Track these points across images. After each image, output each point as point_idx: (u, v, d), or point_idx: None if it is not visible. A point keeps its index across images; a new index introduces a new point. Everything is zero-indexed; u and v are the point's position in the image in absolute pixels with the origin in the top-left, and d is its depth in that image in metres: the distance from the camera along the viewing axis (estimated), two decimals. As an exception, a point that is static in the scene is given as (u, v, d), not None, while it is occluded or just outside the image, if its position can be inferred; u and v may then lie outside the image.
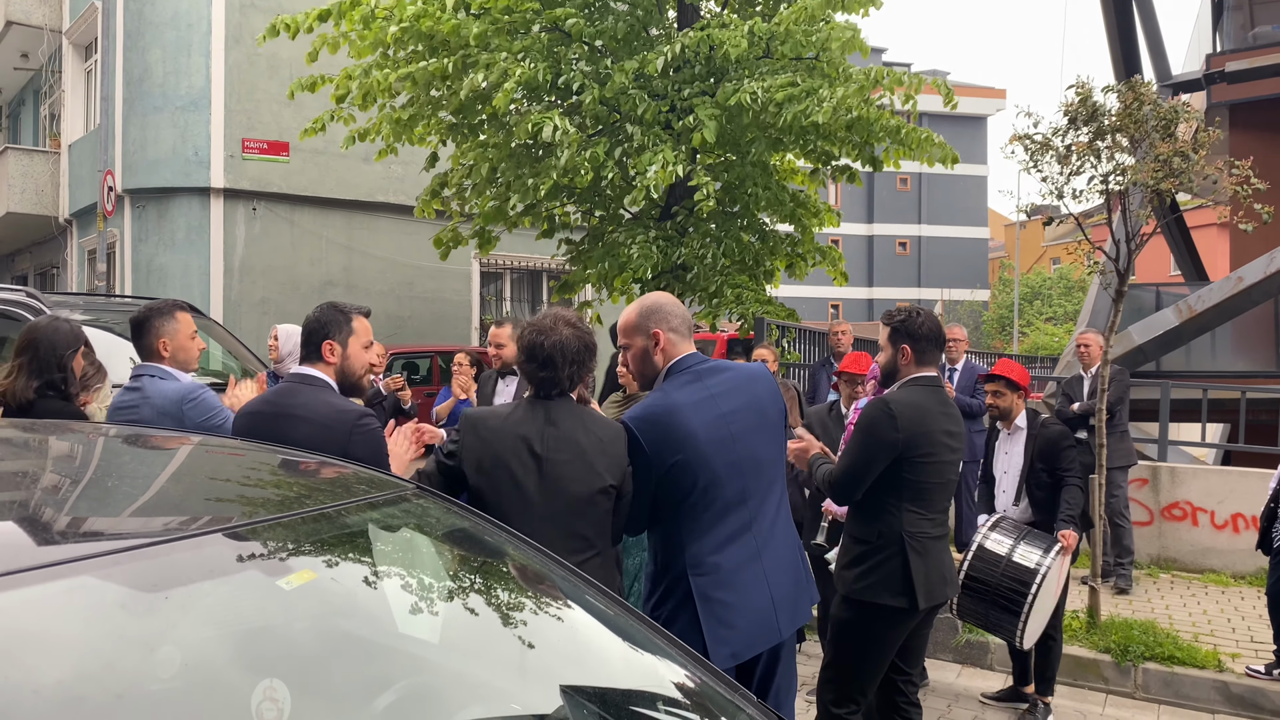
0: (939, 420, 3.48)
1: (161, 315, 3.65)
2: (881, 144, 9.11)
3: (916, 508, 3.45)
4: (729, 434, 2.87)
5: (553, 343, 2.86)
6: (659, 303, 3.02)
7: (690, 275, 9.00)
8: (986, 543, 4.59)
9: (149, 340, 3.61)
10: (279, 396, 3.11)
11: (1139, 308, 15.02)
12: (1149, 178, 5.84)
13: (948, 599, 3.62)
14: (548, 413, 2.86)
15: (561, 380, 2.88)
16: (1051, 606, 4.71)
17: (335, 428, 2.98)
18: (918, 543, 3.42)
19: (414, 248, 14.90)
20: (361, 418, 3.04)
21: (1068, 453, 4.99)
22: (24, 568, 1.30)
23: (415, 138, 9.44)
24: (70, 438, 2.28)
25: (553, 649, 1.89)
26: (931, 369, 3.60)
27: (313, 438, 2.90)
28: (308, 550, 1.69)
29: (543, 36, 8.46)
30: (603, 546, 2.87)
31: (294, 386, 3.13)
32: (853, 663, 3.52)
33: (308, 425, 2.96)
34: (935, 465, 3.47)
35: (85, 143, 16.37)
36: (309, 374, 3.14)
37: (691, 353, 2.99)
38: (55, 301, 7.93)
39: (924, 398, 3.50)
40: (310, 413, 3.00)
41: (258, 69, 14.07)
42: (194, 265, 13.94)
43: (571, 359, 2.87)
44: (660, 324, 2.97)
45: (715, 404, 2.88)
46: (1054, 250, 53.31)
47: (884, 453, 3.40)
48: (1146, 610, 6.73)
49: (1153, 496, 8.11)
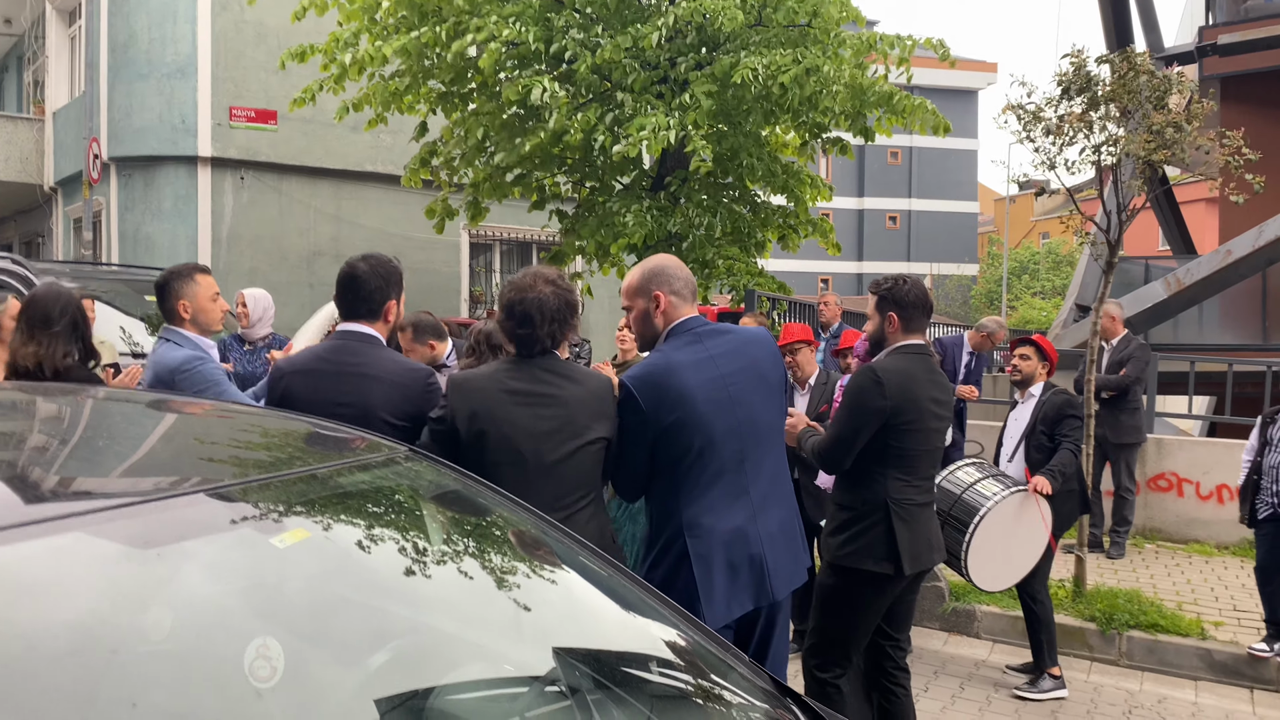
0: (926, 388, 3.49)
1: (181, 278, 3.63)
2: (874, 114, 9.08)
3: (902, 474, 3.46)
4: (728, 396, 2.87)
5: (531, 299, 2.84)
6: (662, 265, 3.02)
7: (685, 244, 8.98)
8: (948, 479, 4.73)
9: (170, 303, 3.60)
10: (336, 354, 3.03)
11: (1128, 281, 15.08)
12: (1141, 149, 5.83)
13: (933, 565, 3.64)
14: (532, 369, 2.86)
15: (541, 338, 2.86)
16: (1019, 555, 4.71)
17: (410, 385, 2.99)
18: (903, 509, 3.43)
19: (403, 218, 14.81)
20: (430, 376, 3.05)
21: (1070, 420, 5.07)
22: (15, 523, 1.30)
23: (405, 106, 9.36)
24: (66, 400, 2.27)
25: (545, 610, 1.90)
26: (918, 336, 3.60)
27: (390, 395, 2.91)
28: (301, 510, 1.69)
29: (534, 2, 8.38)
30: (595, 494, 2.90)
31: (350, 344, 3.04)
32: (838, 628, 3.54)
33: (384, 384, 2.95)
34: (922, 432, 3.48)
35: (70, 110, 16.18)
36: (360, 330, 3.07)
37: (693, 315, 2.99)
38: (41, 269, 7.88)
39: (911, 364, 3.51)
40: (383, 371, 2.98)
41: (245, 36, 13.91)
42: (181, 234, 13.83)
43: (551, 316, 2.85)
44: (662, 286, 2.97)
45: (715, 365, 2.88)
46: (1043, 225, 53.37)
47: (872, 420, 3.41)
48: (1132, 580, 6.79)
49: (1139, 467, 8.16)
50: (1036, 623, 5.15)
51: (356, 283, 3.09)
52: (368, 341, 3.06)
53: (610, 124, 8.33)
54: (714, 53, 8.70)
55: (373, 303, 3.09)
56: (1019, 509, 4.64)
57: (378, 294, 3.09)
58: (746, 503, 2.88)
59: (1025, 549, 4.73)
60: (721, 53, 8.56)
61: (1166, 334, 14.27)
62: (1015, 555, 4.68)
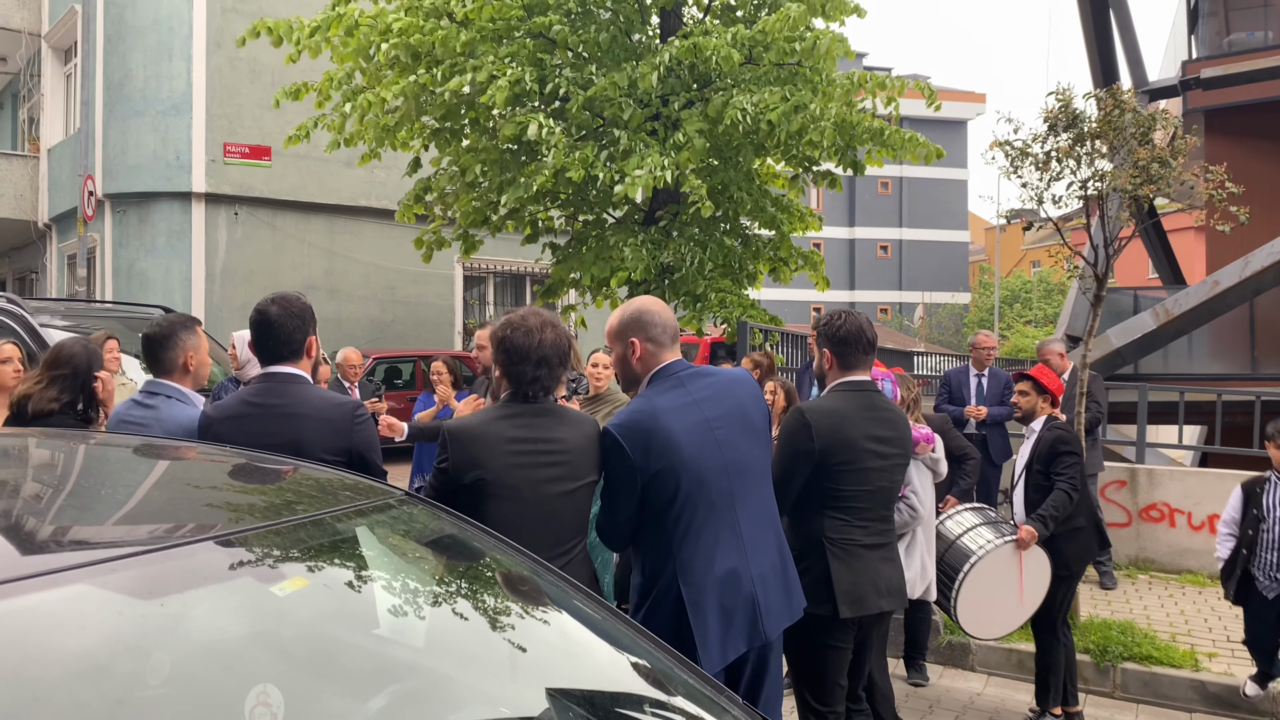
0: (862, 426, 3.35)
1: (186, 329, 3.45)
2: (864, 147, 9.19)
3: (841, 515, 3.32)
4: (714, 439, 2.88)
5: (526, 343, 2.85)
6: (640, 310, 3.02)
7: (677, 277, 9.05)
8: (947, 523, 4.74)
9: (173, 354, 3.39)
10: (261, 396, 3.03)
11: (1117, 311, 15.17)
12: (1127, 183, 5.92)
13: (882, 610, 3.39)
14: (527, 413, 2.86)
15: (542, 379, 2.88)
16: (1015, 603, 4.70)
17: (338, 420, 2.99)
18: (840, 549, 3.29)
19: (397, 252, 14.89)
20: (358, 408, 3.06)
21: (1064, 458, 4.89)
22: (21, 576, 1.32)
23: (399, 142, 9.45)
24: (61, 446, 2.29)
25: (541, 652, 1.92)
26: (860, 373, 3.48)
27: (318, 431, 2.91)
28: (299, 557, 1.71)
29: (528, 43, 8.49)
30: (583, 536, 2.93)
31: (274, 386, 3.05)
32: (805, 674, 3.44)
33: (310, 421, 2.95)
34: (859, 473, 3.33)
35: (65, 147, 16.27)
36: (284, 371, 3.07)
37: (675, 360, 3.00)
38: (35, 307, 7.89)
39: (845, 404, 3.39)
40: (309, 408, 2.98)
41: (239, 73, 14.04)
42: (175, 270, 13.87)
43: (542, 360, 2.86)
44: (638, 333, 2.97)
45: (699, 409, 2.90)
46: (1034, 253, 53.71)
47: (801, 462, 3.31)
48: (1125, 611, 6.80)
49: (1130, 498, 8.20)
50: (1041, 663, 5.06)
51: (272, 327, 3.07)
52: (292, 381, 3.06)
53: (606, 160, 8.42)
54: (706, 89, 8.82)
55: (293, 343, 3.09)
56: (1010, 560, 4.64)
57: (296, 334, 3.08)
58: (738, 545, 2.88)
59: (1022, 598, 4.70)
60: (713, 90, 8.68)
61: (1157, 364, 14.35)
62: (1011, 604, 4.65)
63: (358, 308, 14.75)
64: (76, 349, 3.63)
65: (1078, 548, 5.03)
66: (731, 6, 9.92)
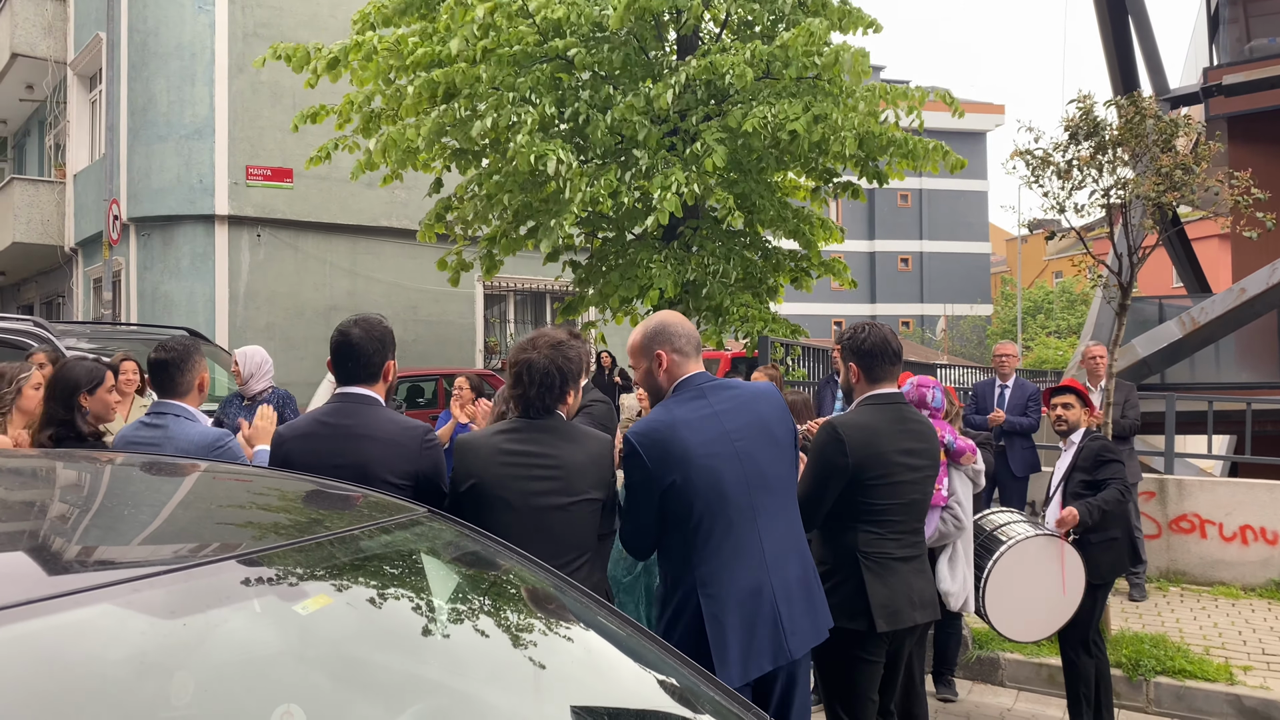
0: (894, 440, 3.34)
1: (199, 351, 3.51)
2: (885, 158, 9.18)
3: (875, 528, 3.31)
4: (734, 451, 2.86)
5: (522, 361, 2.92)
6: (663, 324, 3.03)
7: (704, 291, 9.05)
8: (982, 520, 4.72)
9: (190, 377, 3.45)
10: (334, 417, 3.06)
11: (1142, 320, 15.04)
12: (1150, 190, 5.87)
13: (916, 623, 3.37)
14: (528, 428, 2.91)
15: (531, 400, 2.92)
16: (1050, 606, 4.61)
17: (407, 444, 3.00)
18: (874, 563, 3.28)
19: (418, 271, 14.97)
20: (428, 433, 3.07)
21: (1111, 465, 4.86)
22: (46, 596, 1.32)
23: (420, 164, 9.51)
24: (83, 467, 2.30)
25: (566, 670, 1.90)
26: (887, 385, 3.46)
27: (386, 454, 2.93)
28: (323, 575, 1.71)
29: (545, 69, 8.53)
30: (590, 554, 2.92)
31: (347, 406, 3.07)
32: (837, 690, 3.41)
33: (380, 444, 2.97)
34: (892, 486, 3.32)
35: (90, 172, 16.49)
36: (359, 393, 3.09)
37: (699, 371, 3.00)
38: (61, 330, 7.98)
39: (876, 417, 3.37)
40: (380, 431, 3.00)
41: (261, 97, 14.19)
42: (199, 292, 14.00)
43: (539, 380, 2.91)
44: (664, 345, 2.99)
45: (719, 421, 2.89)
46: (1056, 264, 53.39)
47: (835, 478, 3.28)
48: (1157, 624, 6.70)
49: (1160, 509, 8.09)
50: (1073, 677, 4.96)
51: (353, 350, 3.09)
52: (365, 403, 3.08)
53: (629, 180, 8.42)
54: (723, 105, 8.83)
55: (371, 366, 3.10)
56: (1045, 554, 4.56)
57: (375, 357, 3.10)
58: (760, 559, 2.85)
59: (1056, 600, 4.61)
60: (730, 104, 8.68)
61: (1183, 373, 14.20)
62: (1045, 606, 4.57)
63: (379, 327, 14.83)
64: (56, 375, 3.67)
65: (1111, 559, 4.97)
66: (749, 23, 9.94)
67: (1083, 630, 4.86)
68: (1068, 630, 4.77)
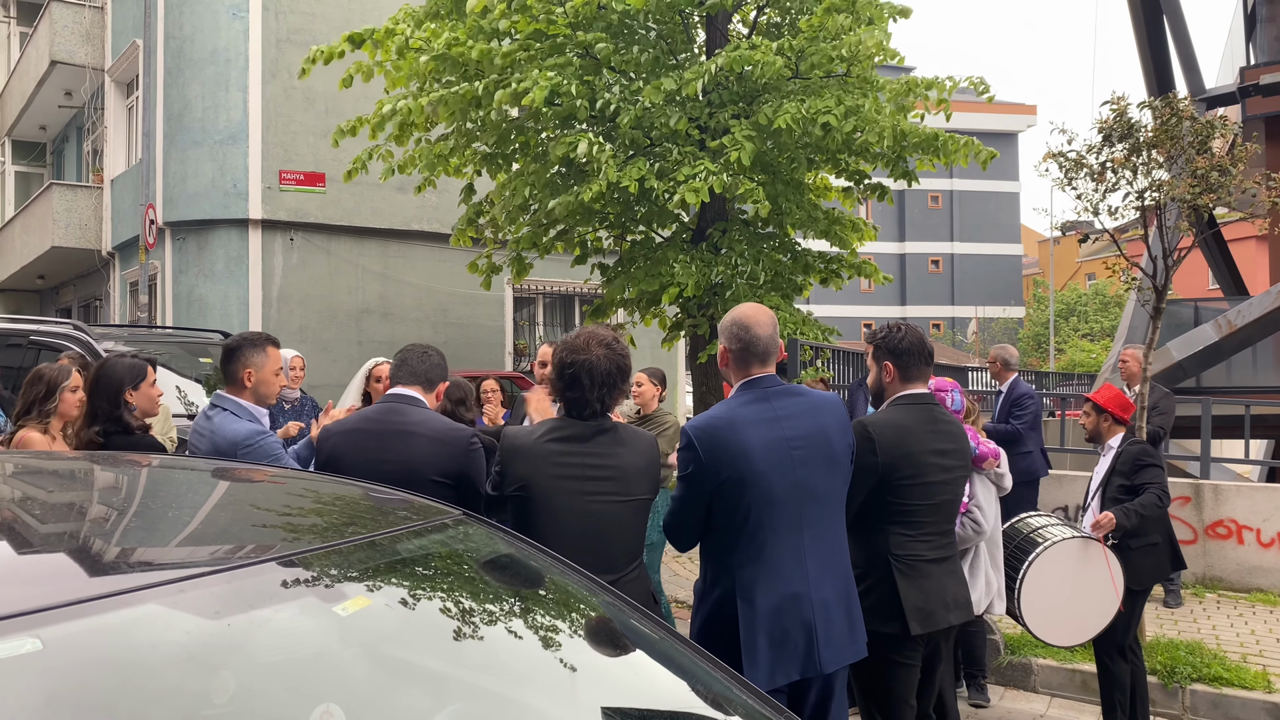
0: (925, 440, 3.34)
1: (253, 345, 3.64)
2: (915, 155, 9.14)
3: (906, 530, 3.30)
4: (789, 459, 2.85)
5: (581, 362, 2.87)
6: (739, 320, 3.00)
7: (729, 294, 9.04)
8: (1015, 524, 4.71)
9: (234, 367, 3.59)
10: (381, 414, 3.18)
11: (1177, 323, 14.86)
12: (1186, 193, 5.81)
13: (950, 625, 3.37)
14: (577, 429, 2.88)
15: (591, 401, 2.89)
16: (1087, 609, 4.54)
17: (452, 444, 3.08)
18: (906, 565, 3.27)
19: (448, 275, 15.06)
20: (473, 437, 3.16)
21: (1149, 469, 4.84)
22: (96, 596, 1.35)
23: (451, 169, 9.57)
24: (128, 470, 2.35)
25: (599, 672, 1.92)
26: (919, 385, 3.47)
27: (433, 452, 3.01)
28: (361, 577, 1.73)
29: (574, 60, 8.56)
30: (637, 557, 2.91)
31: (396, 405, 3.19)
32: (874, 695, 3.39)
33: (425, 440, 3.04)
34: (923, 487, 3.31)
35: (127, 177, 16.72)
36: (410, 394, 3.23)
37: (767, 374, 2.98)
38: (100, 333, 8.11)
39: (907, 417, 3.37)
40: (427, 429, 3.08)
41: (294, 102, 14.33)
42: (233, 295, 14.16)
43: (601, 380, 2.88)
44: (729, 342, 2.99)
45: (779, 427, 2.87)
46: (1089, 266, 52.84)
47: (865, 477, 3.25)
48: (1193, 630, 6.63)
49: (1196, 515, 8.00)
50: (1108, 683, 4.90)
51: (428, 357, 3.34)
52: (412, 402, 3.18)
53: (657, 174, 8.43)
54: (752, 104, 8.82)
55: (433, 375, 3.31)
56: (1084, 556, 4.51)
57: (436, 370, 3.32)
58: (802, 570, 2.85)
59: (1094, 604, 4.55)
60: (760, 102, 8.68)
61: (1220, 377, 14.01)
62: (1082, 609, 4.52)
63: (411, 330, 14.92)
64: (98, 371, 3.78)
65: (1152, 564, 4.93)
66: (778, 24, 9.93)
67: (1120, 636, 4.79)
68: (1104, 635, 4.69)
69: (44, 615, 1.28)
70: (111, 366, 3.77)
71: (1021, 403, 7.61)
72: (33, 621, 1.27)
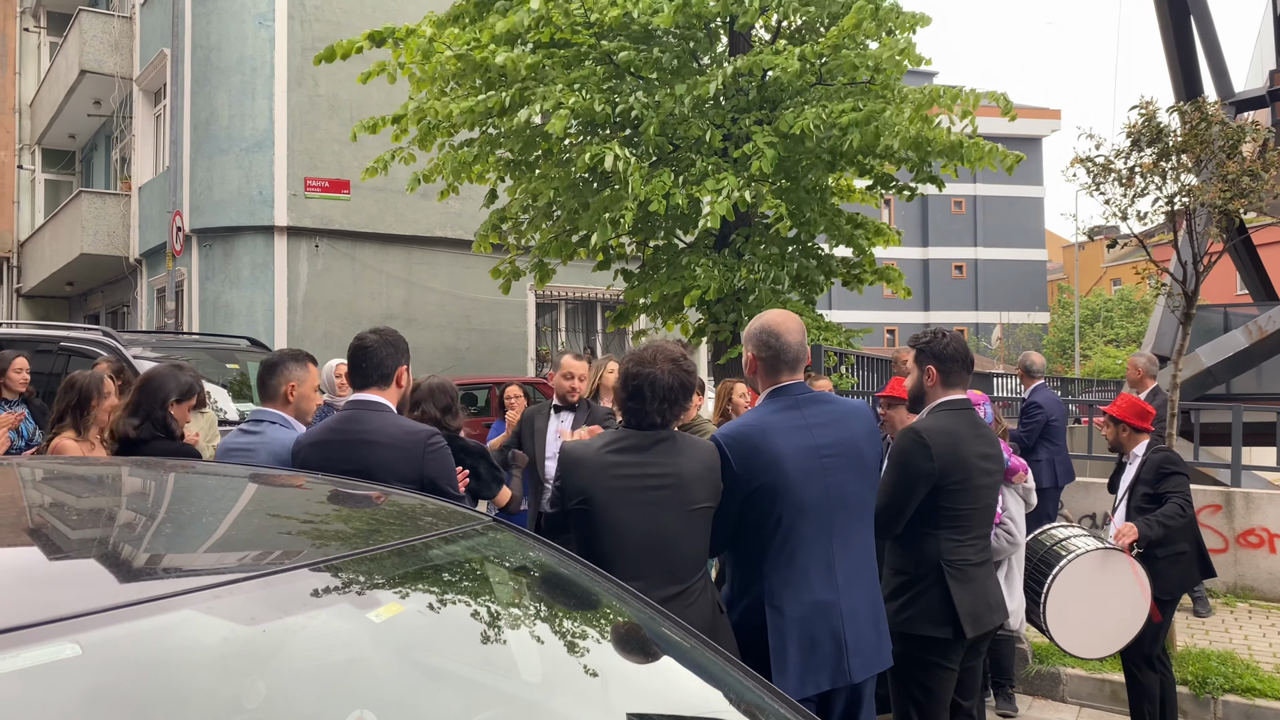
0: (973, 444, 3.40)
1: (296, 361, 3.68)
2: (939, 160, 9.10)
3: (955, 535, 3.35)
4: (820, 467, 2.84)
5: (645, 375, 2.84)
6: (762, 326, 3.00)
7: (751, 299, 9.02)
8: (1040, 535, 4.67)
9: (277, 382, 3.60)
10: (343, 424, 3.15)
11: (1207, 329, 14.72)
12: (1216, 198, 5.75)
13: (995, 625, 3.49)
14: (637, 440, 2.85)
15: (650, 414, 2.85)
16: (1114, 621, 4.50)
17: (409, 448, 3.04)
18: (958, 570, 3.32)
19: (471, 281, 15.13)
20: (431, 437, 3.11)
21: (1174, 477, 4.81)
22: (134, 601, 1.36)
23: (475, 175, 9.61)
24: (162, 476, 2.37)
25: (630, 680, 1.91)
26: (959, 391, 3.51)
27: (389, 459, 2.97)
28: (393, 583, 1.74)
29: (597, 70, 8.58)
30: (702, 570, 2.85)
31: (357, 413, 3.15)
32: (916, 699, 3.40)
33: (383, 448, 3.01)
34: (971, 491, 3.37)
35: (154, 185, 16.89)
36: (370, 399, 3.18)
37: (796, 381, 2.97)
38: (128, 339, 8.19)
39: (955, 422, 3.41)
40: (383, 436, 3.05)
41: (319, 110, 14.44)
42: (259, 301, 14.27)
43: (663, 395, 2.84)
44: (758, 350, 2.98)
45: (810, 434, 2.87)
46: (1115, 271, 52.40)
47: (921, 483, 3.30)
48: (1224, 640, 6.54)
49: (1227, 523, 7.90)
50: (1137, 693, 4.85)
51: (367, 353, 3.22)
52: (373, 409, 3.16)
53: (682, 184, 8.44)
54: (775, 111, 8.81)
55: (384, 369, 3.21)
56: (1109, 567, 4.47)
57: (389, 361, 3.22)
58: (831, 578, 2.83)
59: (1121, 615, 4.51)
60: (782, 108, 8.67)
61: (1250, 383, 13.86)
62: (1109, 621, 4.47)
63: (434, 336, 14.99)
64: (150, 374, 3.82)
65: (1180, 573, 4.87)
66: (800, 30, 9.92)
67: (1147, 646, 4.75)
68: (1132, 646, 4.64)
69: (83, 620, 1.29)
70: (167, 376, 3.82)
71: (1029, 412, 7.64)
72: (72, 626, 1.28)
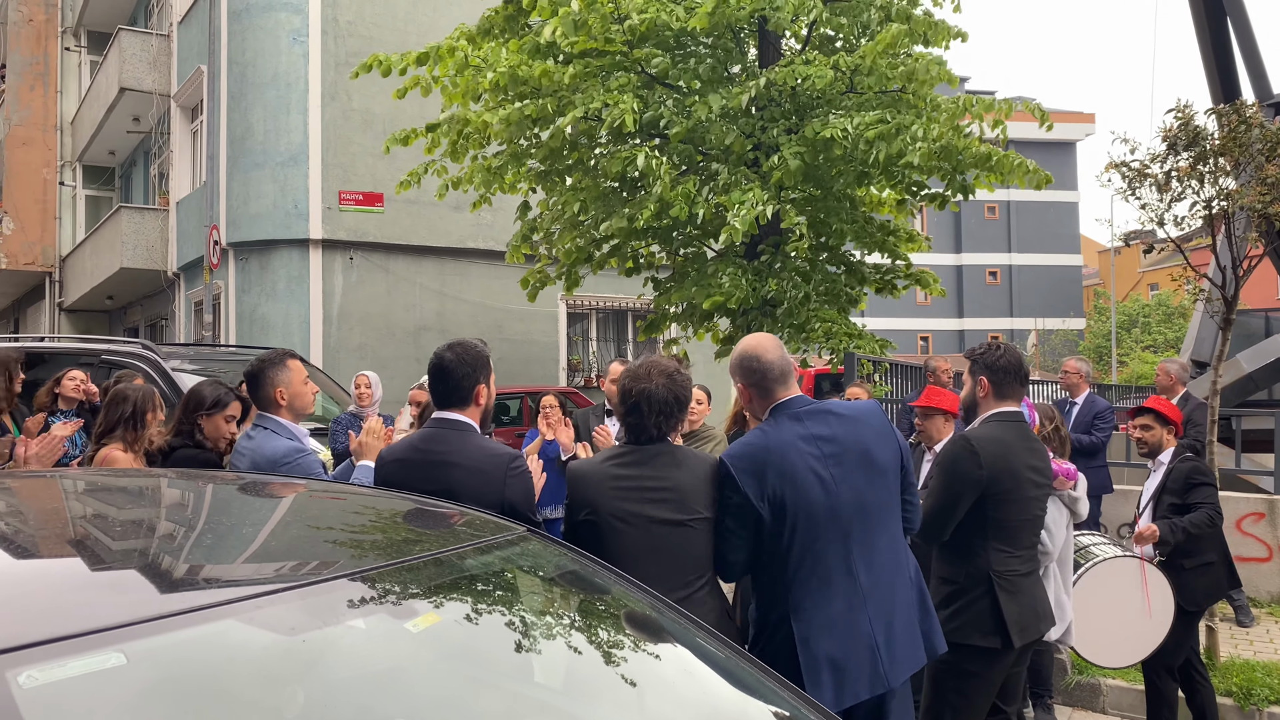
0: (1023, 456, 3.41)
1: (275, 365, 3.68)
2: (970, 172, 9.04)
3: (1004, 545, 3.38)
4: (829, 476, 2.83)
5: (640, 390, 2.95)
6: (741, 354, 3.02)
7: (780, 310, 9.00)
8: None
9: (266, 391, 3.63)
10: (426, 443, 3.10)
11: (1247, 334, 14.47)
12: (1256, 201, 5.67)
13: (1042, 634, 3.51)
14: (637, 453, 2.96)
15: (648, 428, 2.95)
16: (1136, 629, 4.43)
17: (491, 471, 2.99)
18: (1007, 581, 3.35)
19: (503, 291, 15.22)
20: (514, 460, 3.05)
21: (1202, 488, 4.73)
22: (176, 611, 1.39)
23: (506, 185, 9.67)
24: (201, 488, 2.40)
25: (666, 690, 1.91)
26: (1012, 403, 3.52)
27: (469, 482, 2.93)
28: (431, 593, 1.75)
29: (632, 78, 8.61)
30: (709, 574, 2.93)
31: (440, 433, 3.10)
32: (950, 706, 3.42)
33: (463, 470, 2.98)
34: (1021, 502, 3.39)
35: (192, 200, 17.14)
36: (452, 418, 3.12)
37: (795, 395, 2.98)
38: (167, 352, 8.31)
39: (1006, 433, 3.43)
40: (464, 458, 3.00)
41: (352, 124, 14.60)
42: (294, 314, 14.42)
43: (658, 409, 2.94)
44: (745, 377, 3.00)
45: (816, 445, 2.86)
46: (1152, 276, 51.71)
47: (969, 491, 3.33)
48: (1269, 651, 6.42)
49: (1271, 531, 7.75)
50: (1155, 701, 4.78)
51: (445, 373, 3.14)
52: (456, 428, 3.10)
53: (708, 194, 8.46)
54: (804, 119, 8.80)
55: (462, 390, 3.13)
56: (1130, 575, 4.42)
57: (466, 381, 3.12)
58: (854, 586, 2.82)
59: (1143, 624, 4.45)
60: (811, 117, 8.66)
61: (1292, 389, 13.60)
62: (1131, 629, 4.42)
63: (466, 347, 15.09)
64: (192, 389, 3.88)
65: (1208, 584, 4.81)
66: (831, 38, 9.90)
67: (1169, 657, 4.67)
68: (1152, 655, 4.59)
69: (127, 630, 1.32)
70: (200, 386, 3.89)
71: (1106, 415, 7.57)
72: (116, 636, 1.30)
